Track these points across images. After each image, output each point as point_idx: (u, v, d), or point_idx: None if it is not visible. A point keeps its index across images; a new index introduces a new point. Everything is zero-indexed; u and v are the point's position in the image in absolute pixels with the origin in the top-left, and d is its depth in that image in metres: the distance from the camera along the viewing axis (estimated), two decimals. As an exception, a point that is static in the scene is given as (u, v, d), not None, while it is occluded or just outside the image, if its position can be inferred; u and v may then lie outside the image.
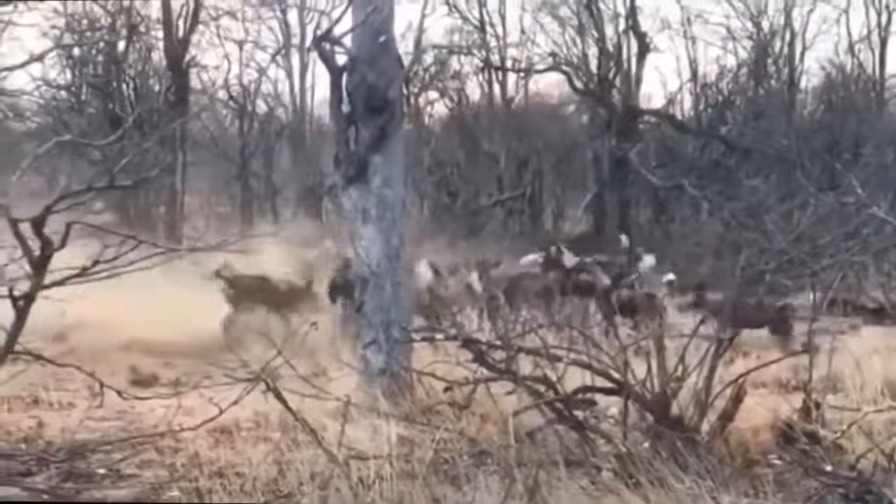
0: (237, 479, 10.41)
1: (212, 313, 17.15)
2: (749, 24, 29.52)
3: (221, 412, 8.00)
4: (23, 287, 7.24)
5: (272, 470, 10.14)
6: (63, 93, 28.60)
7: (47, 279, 7.08)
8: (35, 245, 6.91)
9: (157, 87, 28.19)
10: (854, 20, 32.83)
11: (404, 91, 13.71)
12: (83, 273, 7.05)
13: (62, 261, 7.11)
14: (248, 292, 17.94)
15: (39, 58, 18.22)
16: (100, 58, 28.79)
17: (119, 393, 7.96)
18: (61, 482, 11.10)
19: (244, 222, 27.29)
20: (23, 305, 7.31)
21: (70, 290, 7.63)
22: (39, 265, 6.95)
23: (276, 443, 10.83)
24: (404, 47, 16.03)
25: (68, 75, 28.55)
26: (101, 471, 11.68)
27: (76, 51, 28.45)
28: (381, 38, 12.36)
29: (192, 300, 17.24)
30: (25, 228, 8.93)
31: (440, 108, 30.05)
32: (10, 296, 7.64)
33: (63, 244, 6.88)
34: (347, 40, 12.70)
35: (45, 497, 11.22)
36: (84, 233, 7.03)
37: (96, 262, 7.01)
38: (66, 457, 11.42)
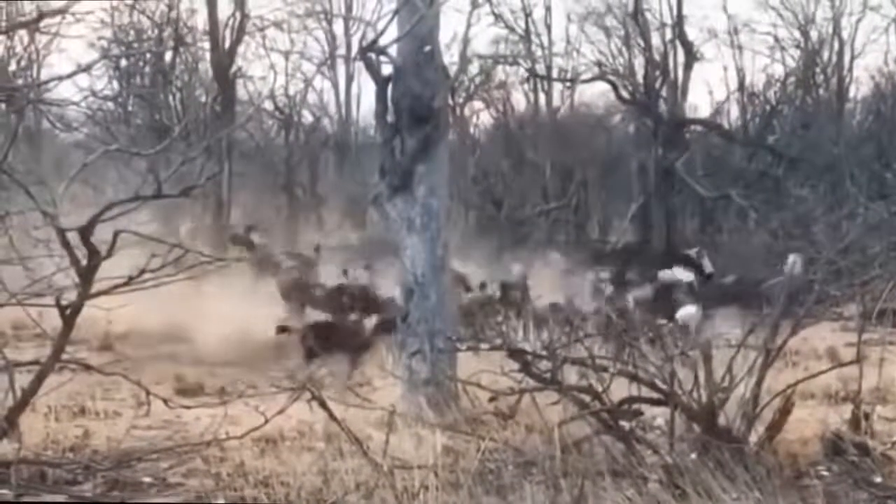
0: (282, 489, 10.44)
1: (259, 323, 17.19)
2: (797, 33, 29.37)
3: (267, 421, 7.99)
4: (70, 296, 7.28)
5: (317, 479, 10.16)
6: (110, 104, 28.78)
7: (94, 288, 7.11)
8: (82, 254, 6.94)
9: (203, 98, 28.33)
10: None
11: (449, 101, 13.68)
12: (130, 282, 7.07)
13: (108, 270, 7.15)
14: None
15: (87, 68, 18.37)
16: (146, 69, 28.95)
17: (165, 401, 7.98)
18: (107, 491, 11.17)
19: (289, 232, 27.40)
20: (70, 314, 7.35)
21: (117, 300, 7.67)
22: (86, 274, 6.98)
23: (321, 452, 10.85)
24: (449, 57, 16.02)
25: (115, 86, 28.74)
26: (147, 479, 11.75)
27: (123, 62, 28.63)
28: (426, 49, 12.38)
29: (239, 310, 17.31)
30: (73, 238, 9.01)
31: (485, 118, 30.10)
32: (58, 305, 7.69)
33: (110, 253, 6.91)
34: (393, 50, 12.74)
35: (93, 504, 11.30)
36: (131, 242, 7.06)
37: (143, 272, 7.03)
38: (113, 465, 11.49)
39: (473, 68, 27.91)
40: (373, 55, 12.77)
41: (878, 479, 9.47)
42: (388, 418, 9.84)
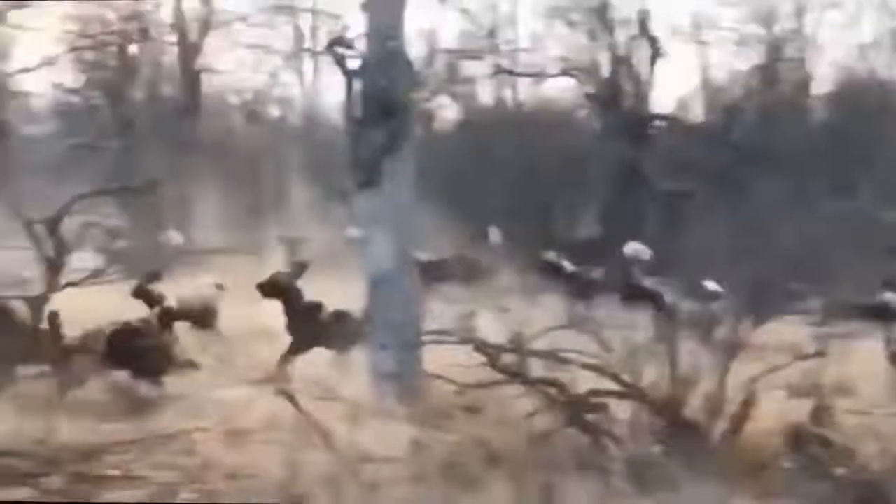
0: (249, 482, 10.46)
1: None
2: (761, 29, 29.50)
3: (233, 414, 8.01)
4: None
5: (284, 472, 10.18)
6: (74, 97, 28.63)
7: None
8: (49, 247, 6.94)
9: (168, 92, 28.23)
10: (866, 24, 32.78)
11: (415, 95, 13.72)
12: (97, 274, 7.08)
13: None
14: None
15: (53, 61, 18.24)
16: (112, 62, 28.81)
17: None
18: (74, 483, 11.17)
19: (256, 227, 27.29)
20: (37, 307, 7.36)
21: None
22: (54, 267, 6.98)
23: (288, 445, 10.88)
24: (415, 52, 16.04)
25: (81, 80, 28.58)
26: (114, 472, 11.75)
27: (88, 55, 28.48)
28: (392, 43, 12.41)
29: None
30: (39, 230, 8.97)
31: (450, 113, 30.07)
32: (25, 297, 7.71)
33: (78, 245, 6.92)
34: (361, 44, 12.77)
35: (58, 498, 11.29)
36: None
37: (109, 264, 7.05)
38: (79, 458, 11.49)
39: (439, 63, 27.92)
40: (340, 49, 12.80)
41: (839, 471, 9.57)
42: (354, 411, 9.88)
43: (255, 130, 29.55)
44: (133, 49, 28.09)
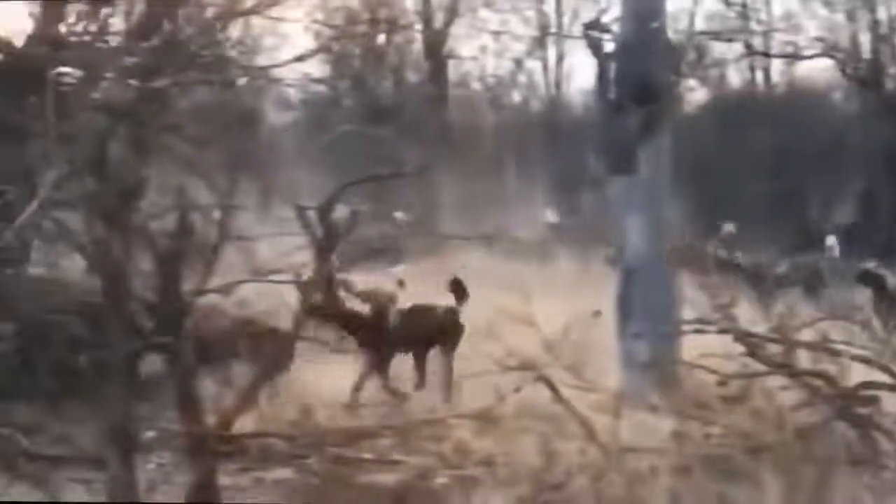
0: (503, 469, 10.44)
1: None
2: None
3: (502, 398, 7.96)
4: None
5: (539, 460, 10.12)
6: (321, 86, 29.17)
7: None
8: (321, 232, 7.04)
9: (415, 79, 28.52)
10: None
11: (674, 79, 13.47)
12: (369, 257, 7.15)
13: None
14: None
15: (312, 54, 18.61)
16: (359, 51, 29.28)
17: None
18: (332, 466, 11.36)
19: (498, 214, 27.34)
20: (305, 291, 7.48)
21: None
22: (324, 251, 7.07)
23: (543, 433, 10.81)
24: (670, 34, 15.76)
25: (327, 69, 29.11)
26: (369, 456, 11.90)
27: (335, 44, 28.96)
28: (654, 24, 12.19)
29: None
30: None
31: (699, 97, 29.54)
32: (297, 282, 7.84)
33: (349, 231, 6.99)
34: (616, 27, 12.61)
35: (316, 480, 11.51)
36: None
37: (381, 249, 7.09)
38: (336, 441, 11.69)
39: (688, 45, 27.41)
40: (595, 32, 12.65)
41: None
42: (614, 401, 9.73)
43: (500, 117, 29.67)
44: (380, 38, 28.49)
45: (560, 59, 30.26)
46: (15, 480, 7.37)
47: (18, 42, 14.02)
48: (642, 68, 12.31)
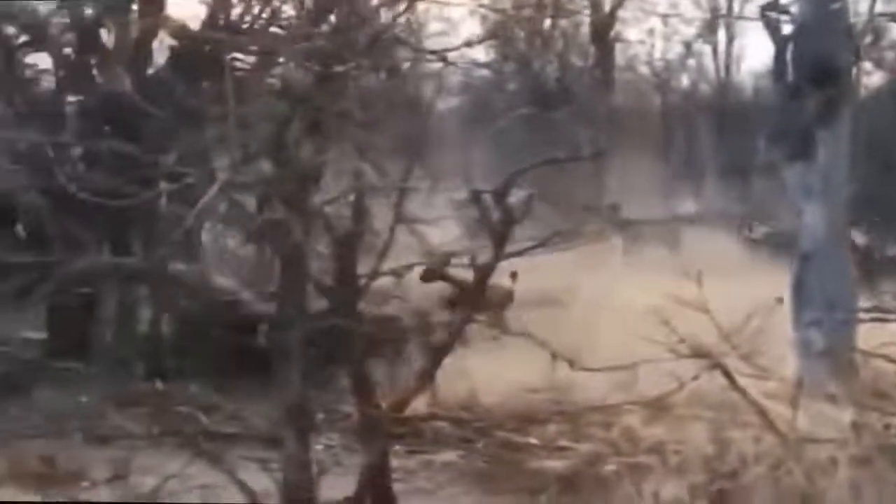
0: (674, 456, 10.31)
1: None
2: None
3: (682, 386, 7.84)
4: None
5: (711, 448, 9.97)
6: (484, 71, 29.14)
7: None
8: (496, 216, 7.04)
9: (580, 64, 28.36)
10: None
11: (853, 61, 13.12)
12: (541, 244, 7.11)
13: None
14: None
15: (479, 41, 18.59)
16: (524, 35, 29.17)
17: (570, 363, 7.99)
18: (499, 450, 11.36)
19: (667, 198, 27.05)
20: (482, 275, 7.48)
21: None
22: (499, 236, 7.05)
23: (716, 421, 10.65)
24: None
25: (492, 53, 29.07)
26: (536, 442, 11.87)
27: (501, 28, 28.86)
28: (836, 5, 11.87)
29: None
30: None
31: (875, 80, 28.78)
32: (472, 265, 7.84)
33: (524, 216, 6.96)
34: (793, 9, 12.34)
35: (483, 463, 11.54)
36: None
37: (555, 234, 7.05)
38: (506, 426, 11.70)
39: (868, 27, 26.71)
40: (773, 13, 12.39)
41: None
42: (794, 390, 9.52)
43: (668, 101, 29.35)
44: (546, 22, 28.36)
45: (730, 41, 29.88)
46: (195, 458, 7.50)
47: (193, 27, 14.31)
48: (821, 50, 12.00)
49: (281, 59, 12.26)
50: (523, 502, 10.51)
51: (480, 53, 28.57)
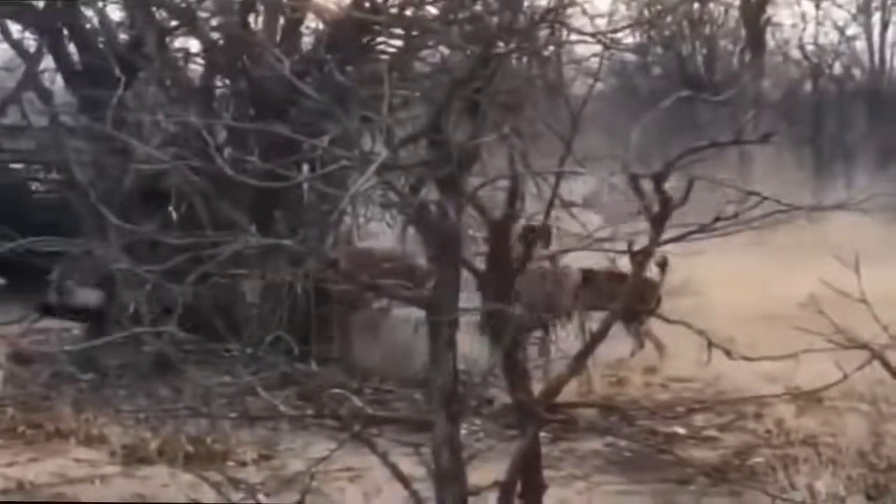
0: (828, 449, 10.13)
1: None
2: None
3: (845, 377, 7.63)
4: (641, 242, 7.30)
5: (867, 442, 9.78)
6: (629, 54, 28.85)
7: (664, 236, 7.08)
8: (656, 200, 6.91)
9: (729, 47, 28.01)
10: None
11: None
12: (702, 230, 6.96)
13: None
14: None
15: (624, 28, 18.36)
16: (671, 19, 28.83)
17: (728, 353, 7.83)
18: (645, 438, 11.26)
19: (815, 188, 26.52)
20: (640, 261, 7.36)
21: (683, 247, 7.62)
22: (658, 221, 6.92)
23: (873, 414, 10.44)
24: None
25: (637, 36, 28.78)
26: (682, 431, 11.73)
27: (647, 13, 28.63)
28: None
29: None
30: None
31: None
32: (629, 250, 7.73)
33: (684, 201, 6.82)
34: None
35: (629, 454, 11.42)
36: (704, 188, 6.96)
37: (716, 219, 6.89)
38: (653, 415, 11.61)
39: None
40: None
41: None
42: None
43: (820, 86, 28.79)
44: (696, 5, 28.00)
45: (885, 26, 29.14)
46: (348, 441, 7.52)
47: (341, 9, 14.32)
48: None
49: (430, 43, 12.27)
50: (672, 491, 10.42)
51: (628, 37, 28.41)
